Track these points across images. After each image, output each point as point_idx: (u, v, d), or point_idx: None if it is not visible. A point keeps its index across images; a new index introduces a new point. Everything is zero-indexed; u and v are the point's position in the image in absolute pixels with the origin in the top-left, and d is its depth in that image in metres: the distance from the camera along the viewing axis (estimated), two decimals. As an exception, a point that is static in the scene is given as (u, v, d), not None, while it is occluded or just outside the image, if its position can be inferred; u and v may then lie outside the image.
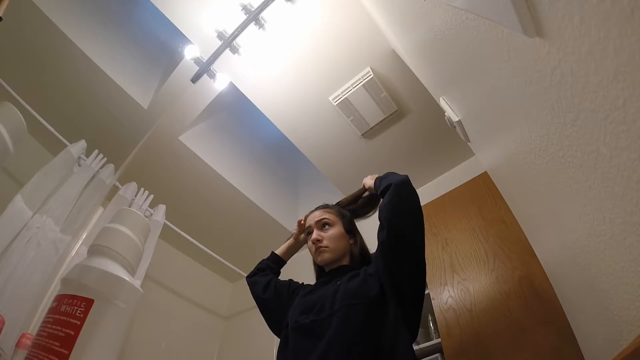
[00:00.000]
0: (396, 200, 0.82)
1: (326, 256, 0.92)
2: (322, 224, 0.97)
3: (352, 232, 1.00)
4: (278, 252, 1.13)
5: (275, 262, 1.11)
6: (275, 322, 0.96)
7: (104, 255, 0.57)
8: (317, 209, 1.03)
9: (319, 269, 1.01)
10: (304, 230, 1.04)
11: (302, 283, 1.03)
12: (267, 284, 1.02)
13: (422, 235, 0.81)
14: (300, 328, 0.80)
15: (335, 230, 0.95)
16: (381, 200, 0.87)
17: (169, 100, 1.85)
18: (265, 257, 1.14)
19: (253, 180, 2.39)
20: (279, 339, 0.89)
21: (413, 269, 0.78)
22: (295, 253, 1.16)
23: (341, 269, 0.91)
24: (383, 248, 0.80)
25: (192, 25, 1.61)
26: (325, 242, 0.93)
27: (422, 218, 0.83)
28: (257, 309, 1.02)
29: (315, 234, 0.95)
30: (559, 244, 0.73)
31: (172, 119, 1.89)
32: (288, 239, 1.16)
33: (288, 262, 1.16)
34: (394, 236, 0.78)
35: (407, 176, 0.88)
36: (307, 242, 1.06)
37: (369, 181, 1.01)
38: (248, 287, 1.07)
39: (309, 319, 0.79)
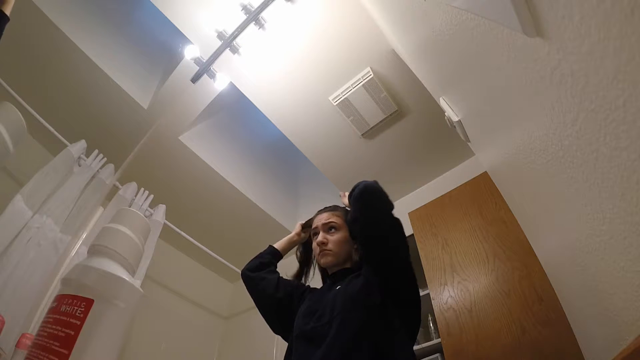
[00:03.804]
0: (361, 210, 0.83)
1: (329, 260, 0.93)
2: (329, 227, 0.97)
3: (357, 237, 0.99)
4: (277, 246, 1.11)
5: (275, 257, 1.09)
6: (278, 322, 0.95)
7: (104, 255, 0.57)
8: (326, 210, 1.03)
9: (322, 270, 1.02)
10: (310, 229, 1.04)
11: (308, 286, 1.03)
12: (277, 283, 0.99)
13: (397, 239, 0.82)
14: (302, 334, 0.81)
15: (341, 234, 0.95)
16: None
17: (169, 100, 1.85)
18: (262, 251, 1.11)
19: (253, 180, 2.39)
20: (279, 339, 0.90)
21: (401, 275, 0.80)
22: (292, 248, 1.14)
23: (343, 272, 0.92)
24: (367, 263, 0.83)
25: (192, 25, 1.61)
26: (329, 246, 0.93)
27: (391, 221, 0.82)
28: (257, 309, 1.00)
29: (321, 236, 0.95)
30: (559, 244, 0.73)
31: (172, 119, 1.89)
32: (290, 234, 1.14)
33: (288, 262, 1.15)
34: (370, 250, 0.81)
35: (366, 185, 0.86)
36: (307, 240, 1.08)
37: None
38: (246, 281, 1.03)
39: (310, 326, 0.80)
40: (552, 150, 0.46)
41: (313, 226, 1.01)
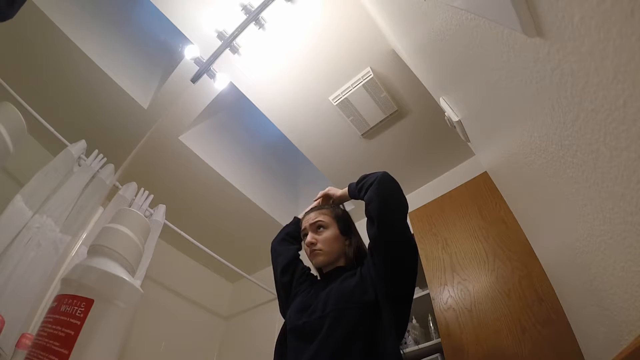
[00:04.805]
0: (383, 191, 0.83)
1: (320, 259, 0.93)
2: (317, 227, 0.96)
3: (347, 233, 0.99)
4: (301, 216, 1.13)
5: (299, 227, 1.11)
6: (282, 302, 0.99)
7: (104, 255, 0.57)
8: (312, 210, 1.03)
9: (318, 270, 1.02)
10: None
11: (310, 277, 1.03)
12: (287, 265, 1.02)
13: (408, 227, 0.85)
14: (295, 329, 0.82)
15: (330, 232, 0.95)
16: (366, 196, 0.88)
17: (169, 100, 1.84)
18: (289, 223, 1.16)
19: (253, 180, 2.39)
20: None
21: (407, 262, 0.80)
22: None
23: (337, 271, 0.92)
24: (376, 244, 0.81)
25: (192, 25, 1.61)
26: (319, 245, 0.93)
27: (407, 210, 0.87)
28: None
29: (309, 237, 0.95)
30: (559, 244, 0.73)
31: (172, 119, 1.89)
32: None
33: None
34: (385, 228, 0.79)
35: (386, 172, 0.89)
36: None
37: (337, 191, 1.05)
38: (270, 252, 1.09)
39: (302, 321, 0.81)
40: (552, 150, 0.46)
41: (302, 228, 1.01)
